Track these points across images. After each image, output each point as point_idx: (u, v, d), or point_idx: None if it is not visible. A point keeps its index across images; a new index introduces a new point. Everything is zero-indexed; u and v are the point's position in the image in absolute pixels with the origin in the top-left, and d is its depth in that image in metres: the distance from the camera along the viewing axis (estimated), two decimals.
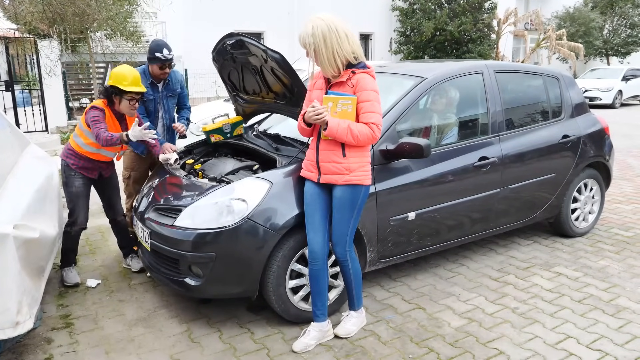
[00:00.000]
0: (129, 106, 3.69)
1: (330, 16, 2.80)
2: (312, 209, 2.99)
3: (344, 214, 2.94)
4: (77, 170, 3.79)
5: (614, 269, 4.12)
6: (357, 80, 2.82)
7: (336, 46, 2.76)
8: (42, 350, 3.06)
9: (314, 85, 3.01)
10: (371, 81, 2.84)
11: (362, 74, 2.83)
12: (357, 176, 2.89)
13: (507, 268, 4.16)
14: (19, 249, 2.70)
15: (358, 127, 2.79)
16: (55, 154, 9.18)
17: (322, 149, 2.92)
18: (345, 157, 2.87)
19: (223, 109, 6.88)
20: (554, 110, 4.59)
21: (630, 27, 26.92)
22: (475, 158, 3.88)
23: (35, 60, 11.44)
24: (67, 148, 3.84)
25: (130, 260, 4.13)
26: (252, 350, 3.04)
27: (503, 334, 3.20)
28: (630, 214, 5.52)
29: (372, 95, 2.82)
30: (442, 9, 21.12)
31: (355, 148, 2.88)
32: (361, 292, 3.19)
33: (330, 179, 2.92)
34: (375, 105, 2.83)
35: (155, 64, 4.06)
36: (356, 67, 2.84)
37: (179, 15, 16.42)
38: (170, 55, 4.07)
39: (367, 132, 2.79)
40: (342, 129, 2.77)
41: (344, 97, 2.79)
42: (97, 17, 11.50)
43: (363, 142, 2.83)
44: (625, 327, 3.26)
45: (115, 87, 3.60)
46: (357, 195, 2.93)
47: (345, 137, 2.79)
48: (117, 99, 3.67)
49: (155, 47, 4.03)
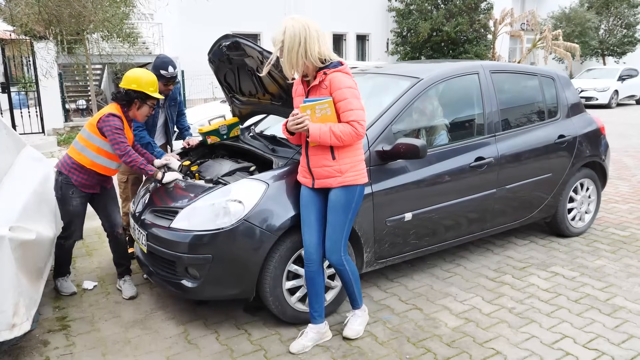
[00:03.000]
0: (148, 112, 3.67)
1: (304, 18, 2.79)
2: (307, 211, 3.00)
3: (338, 216, 2.93)
4: (79, 187, 3.57)
5: (610, 268, 4.13)
6: (329, 81, 2.79)
7: (302, 48, 2.73)
8: (39, 352, 3.06)
9: (295, 92, 3.02)
10: (344, 78, 2.79)
11: (334, 73, 2.79)
12: (350, 177, 2.89)
13: (503, 268, 4.17)
14: (15, 250, 2.69)
15: (340, 128, 2.77)
16: (51, 155, 9.17)
17: (312, 155, 2.92)
18: (335, 159, 2.86)
19: (219, 110, 6.88)
20: (550, 110, 4.61)
21: (626, 27, 27.00)
22: (472, 158, 3.89)
23: (31, 62, 11.42)
24: (71, 162, 3.57)
25: (122, 283, 3.82)
26: (249, 351, 3.04)
27: (500, 334, 3.20)
28: (627, 214, 5.54)
29: (347, 92, 2.78)
30: (438, 10, 21.16)
31: (344, 149, 2.86)
32: (361, 290, 3.20)
33: (324, 183, 2.92)
34: (352, 102, 2.78)
35: (160, 81, 4.05)
36: (327, 68, 2.81)
37: (175, 17, 16.41)
38: (175, 72, 4.08)
39: (349, 130, 2.77)
40: (324, 133, 2.77)
41: (319, 102, 2.78)
42: (93, 19, 11.47)
43: (348, 141, 2.81)
44: (622, 326, 3.27)
45: (140, 92, 3.56)
46: (351, 196, 2.92)
47: (330, 140, 2.78)
48: (137, 104, 3.61)
49: (160, 65, 4.03)
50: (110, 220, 3.79)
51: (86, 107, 15.47)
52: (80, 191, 3.59)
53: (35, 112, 11.06)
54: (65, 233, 3.68)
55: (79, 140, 3.60)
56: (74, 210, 3.62)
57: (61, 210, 3.64)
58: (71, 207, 3.61)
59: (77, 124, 12.52)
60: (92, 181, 3.62)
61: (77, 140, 3.62)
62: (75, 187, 3.58)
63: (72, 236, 3.70)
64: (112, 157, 3.59)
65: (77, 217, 3.66)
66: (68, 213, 3.62)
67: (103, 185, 3.73)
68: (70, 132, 11.96)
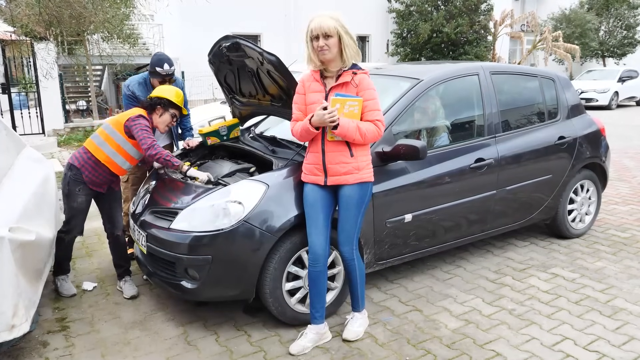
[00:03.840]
0: (169, 122, 3.73)
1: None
2: (315, 211, 2.99)
3: (352, 212, 2.97)
4: (87, 184, 3.56)
5: (610, 270, 4.13)
6: (359, 80, 2.90)
7: (352, 40, 2.87)
8: (38, 353, 3.05)
9: (308, 88, 2.99)
10: (371, 81, 2.95)
11: (363, 74, 2.93)
12: (367, 174, 2.98)
13: (504, 269, 4.16)
14: (14, 251, 2.69)
15: (365, 126, 2.87)
16: (51, 156, 9.17)
17: (329, 151, 2.93)
18: (353, 156, 2.93)
19: (219, 111, 6.88)
20: (550, 111, 4.60)
21: (626, 29, 26.98)
22: (472, 160, 3.88)
23: (31, 62, 11.42)
24: (87, 156, 3.56)
25: (123, 284, 3.82)
26: (249, 352, 3.03)
27: (500, 335, 3.20)
28: (627, 215, 5.53)
29: (374, 94, 2.93)
30: (438, 11, 21.14)
31: (361, 147, 2.95)
32: (364, 293, 3.19)
33: (339, 180, 2.94)
34: (377, 103, 2.93)
35: (156, 78, 4.12)
36: (356, 68, 2.94)
37: (175, 18, 16.40)
38: (170, 70, 4.11)
39: (374, 129, 2.88)
40: (352, 128, 2.83)
41: (351, 99, 2.84)
42: (93, 20, 11.49)
43: (370, 139, 2.91)
44: (622, 328, 3.27)
45: (165, 99, 3.66)
46: (365, 192, 2.99)
47: (355, 136, 2.84)
48: (161, 110, 3.68)
49: (156, 62, 4.09)
50: (112, 222, 3.79)
51: (86, 108, 15.48)
52: (87, 188, 3.59)
53: (36, 112, 11.06)
54: (66, 227, 3.69)
55: (100, 135, 3.61)
56: (79, 206, 3.62)
57: (65, 205, 3.65)
58: (76, 204, 3.61)
59: (77, 124, 12.51)
60: (102, 179, 3.62)
61: (97, 135, 3.63)
62: (83, 184, 3.57)
63: (73, 231, 3.71)
64: (128, 158, 3.63)
65: (80, 214, 3.67)
66: (72, 209, 3.63)
67: (111, 185, 3.74)
68: (70, 133, 11.94)
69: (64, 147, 10.72)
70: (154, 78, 4.17)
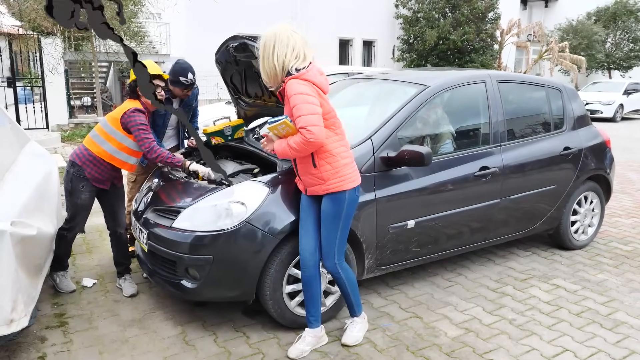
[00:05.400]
0: (157, 93, 3.58)
1: (282, 26, 2.74)
2: (305, 216, 2.99)
3: (327, 225, 2.92)
4: (90, 181, 3.53)
5: (612, 282, 4.11)
6: (284, 89, 2.74)
7: (272, 56, 2.70)
8: (36, 348, 3.04)
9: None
10: (296, 85, 2.68)
11: (290, 81, 2.70)
12: (334, 184, 2.84)
13: (505, 279, 4.14)
14: (15, 246, 2.68)
15: (293, 139, 2.70)
16: (55, 151, 9.18)
17: (298, 163, 2.92)
18: (316, 167, 2.83)
19: (224, 111, 6.89)
20: (556, 122, 4.59)
21: (633, 42, 26.96)
22: (476, 167, 3.87)
23: (38, 57, 11.45)
24: (88, 154, 3.54)
25: (123, 282, 3.80)
26: (247, 354, 3.02)
27: (500, 345, 3.18)
28: (630, 228, 5.51)
29: (296, 99, 2.66)
30: (445, 18, 21.17)
31: (323, 155, 2.80)
32: (359, 298, 3.18)
33: (313, 191, 2.92)
34: (300, 108, 2.64)
35: (179, 87, 4.04)
36: (289, 76, 2.73)
37: (183, 17, 16.44)
38: (194, 79, 4.05)
39: (299, 139, 2.66)
40: (284, 149, 2.75)
41: (278, 122, 2.72)
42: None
43: (304, 151, 2.71)
44: (623, 341, 3.25)
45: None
46: (338, 203, 2.87)
47: (290, 153, 2.75)
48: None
49: (180, 71, 3.98)
50: (115, 219, 3.78)
51: (91, 104, 15.48)
52: (91, 185, 3.57)
53: (40, 107, 11.09)
54: (68, 225, 3.66)
55: (100, 134, 3.56)
56: (82, 203, 3.60)
57: (68, 202, 3.63)
58: (79, 201, 3.58)
59: (81, 120, 12.54)
60: (106, 176, 3.60)
61: (96, 133, 3.57)
62: (86, 181, 3.55)
63: (75, 228, 3.68)
64: (132, 153, 3.59)
65: (83, 211, 3.64)
66: (75, 206, 3.60)
67: (114, 182, 3.71)
68: (75, 128, 11.97)
69: (68, 143, 10.74)
70: (175, 87, 4.05)
